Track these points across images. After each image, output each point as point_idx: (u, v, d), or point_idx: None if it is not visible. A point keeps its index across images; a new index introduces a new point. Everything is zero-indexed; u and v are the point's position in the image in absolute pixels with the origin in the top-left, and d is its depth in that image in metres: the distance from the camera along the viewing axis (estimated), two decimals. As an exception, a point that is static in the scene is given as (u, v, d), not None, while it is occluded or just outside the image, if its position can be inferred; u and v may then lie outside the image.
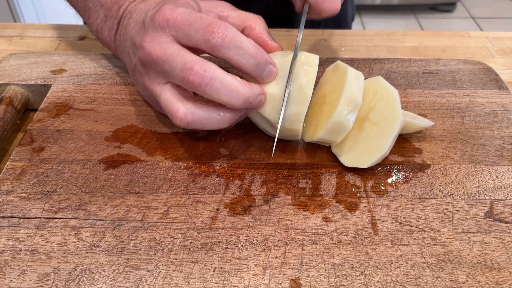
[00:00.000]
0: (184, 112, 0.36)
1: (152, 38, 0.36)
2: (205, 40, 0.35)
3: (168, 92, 0.37)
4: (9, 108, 0.44)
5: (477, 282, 0.31)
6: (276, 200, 0.36)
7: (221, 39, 0.34)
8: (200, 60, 0.35)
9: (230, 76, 0.35)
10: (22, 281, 0.30)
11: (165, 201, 0.36)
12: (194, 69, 0.34)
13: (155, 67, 0.37)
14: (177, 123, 0.36)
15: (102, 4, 0.46)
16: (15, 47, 0.58)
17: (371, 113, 0.38)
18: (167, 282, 0.31)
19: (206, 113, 0.36)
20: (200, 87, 0.34)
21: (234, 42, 0.35)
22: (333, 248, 0.33)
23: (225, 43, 0.34)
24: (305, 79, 0.37)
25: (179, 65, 0.35)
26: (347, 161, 0.38)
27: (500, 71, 0.52)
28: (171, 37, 0.36)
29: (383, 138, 0.37)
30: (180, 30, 0.36)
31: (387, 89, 0.39)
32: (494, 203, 0.36)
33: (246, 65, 0.36)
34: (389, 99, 0.38)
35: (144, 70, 0.38)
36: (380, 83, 0.39)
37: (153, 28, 0.36)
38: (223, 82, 0.34)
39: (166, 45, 0.36)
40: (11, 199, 0.36)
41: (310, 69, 0.38)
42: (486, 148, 0.41)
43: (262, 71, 0.36)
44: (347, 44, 0.60)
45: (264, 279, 0.31)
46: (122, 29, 0.43)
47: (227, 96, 0.35)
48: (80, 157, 0.39)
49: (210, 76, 0.34)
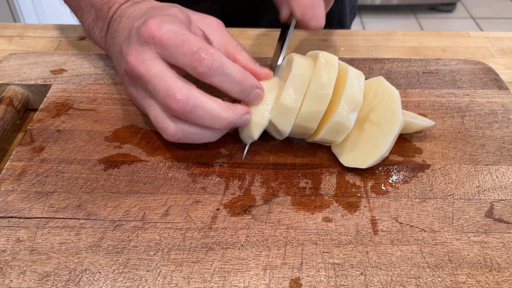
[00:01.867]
0: (175, 130, 0.36)
1: (137, 53, 0.36)
2: (192, 66, 0.34)
3: (157, 108, 0.37)
4: (9, 108, 0.44)
5: (477, 282, 0.31)
6: (276, 200, 0.36)
7: (207, 67, 0.34)
8: (183, 86, 0.34)
9: (213, 101, 0.35)
10: (22, 281, 0.30)
11: (165, 201, 0.36)
12: (176, 97, 0.34)
13: (141, 83, 0.37)
14: (168, 139, 0.37)
15: (93, 4, 0.46)
16: (15, 47, 0.58)
17: (372, 113, 0.38)
18: (167, 282, 0.31)
19: (197, 130, 0.37)
20: (183, 114, 0.35)
21: (220, 70, 0.35)
22: (333, 248, 0.33)
23: (211, 71, 0.34)
24: (326, 78, 0.37)
25: (162, 90, 0.34)
26: (346, 161, 0.38)
27: (500, 71, 0.52)
28: (156, 54, 0.36)
29: (382, 139, 0.37)
30: (166, 50, 0.35)
31: (388, 90, 0.38)
32: (494, 203, 0.36)
33: (232, 91, 0.36)
34: (390, 100, 0.38)
35: (130, 81, 0.38)
36: (381, 84, 0.39)
37: (138, 42, 0.36)
38: (206, 109, 0.35)
39: (151, 62, 0.35)
40: (11, 199, 0.36)
41: (331, 69, 0.37)
42: (486, 148, 0.41)
43: (248, 95, 0.37)
44: (347, 44, 0.60)
45: (264, 279, 0.31)
46: (112, 32, 0.43)
47: (211, 122, 0.35)
48: (80, 157, 0.39)
49: (193, 103, 0.34)
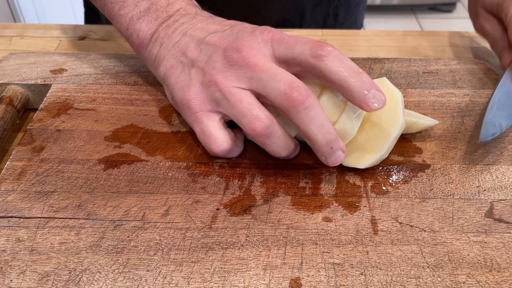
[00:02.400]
0: (270, 121, 0.36)
1: (251, 45, 0.37)
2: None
3: (249, 95, 0.37)
4: (9, 107, 0.44)
5: (477, 282, 0.31)
6: (276, 200, 0.36)
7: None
8: (304, 85, 0.35)
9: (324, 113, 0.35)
10: (22, 281, 0.30)
11: (165, 201, 0.36)
12: (300, 90, 0.34)
13: (243, 70, 0.36)
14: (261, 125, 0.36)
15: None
16: (15, 47, 0.58)
17: (373, 114, 0.38)
18: (167, 282, 0.31)
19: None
20: (297, 108, 0.34)
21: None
22: (333, 248, 0.33)
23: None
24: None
25: (285, 81, 0.35)
26: (345, 161, 0.38)
27: (500, 71, 0.52)
28: (272, 52, 0.37)
29: (382, 140, 0.37)
30: (281, 45, 0.37)
31: (390, 91, 0.39)
32: (494, 203, 0.36)
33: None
34: (392, 101, 0.38)
35: (224, 68, 0.37)
36: (384, 85, 0.39)
37: (254, 38, 0.37)
38: (319, 112, 0.35)
39: (267, 59, 0.37)
40: (11, 199, 0.36)
41: None
42: (486, 148, 0.41)
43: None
44: (347, 44, 0.60)
45: (264, 279, 0.31)
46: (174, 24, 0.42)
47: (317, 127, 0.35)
48: (80, 156, 0.39)
49: (310, 103, 0.34)
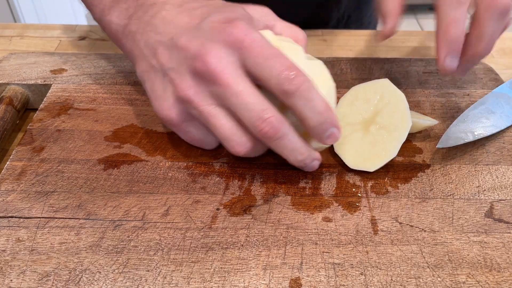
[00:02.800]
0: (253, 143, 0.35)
1: (220, 55, 0.33)
2: (278, 82, 0.32)
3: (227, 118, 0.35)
4: (9, 107, 0.44)
5: (477, 282, 0.31)
6: (276, 200, 0.36)
7: (295, 87, 0.32)
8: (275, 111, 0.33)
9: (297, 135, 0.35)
10: (22, 281, 0.30)
11: (165, 201, 0.36)
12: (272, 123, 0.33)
13: (213, 87, 0.34)
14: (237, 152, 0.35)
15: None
16: (15, 47, 0.58)
17: (378, 116, 0.39)
18: (167, 282, 0.31)
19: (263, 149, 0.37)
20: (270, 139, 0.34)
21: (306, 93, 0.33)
22: (333, 248, 0.33)
23: (298, 91, 0.32)
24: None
25: (256, 109, 0.33)
26: (352, 163, 0.38)
27: (500, 71, 0.52)
28: (240, 61, 0.33)
29: (392, 143, 0.37)
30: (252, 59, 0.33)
31: (394, 93, 0.39)
32: (494, 203, 0.36)
33: (311, 120, 0.33)
34: (398, 104, 0.38)
35: (193, 82, 0.34)
36: (387, 87, 0.39)
37: (222, 42, 0.33)
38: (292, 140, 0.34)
39: (235, 72, 0.33)
40: (11, 199, 0.36)
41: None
42: (486, 148, 0.41)
43: (325, 130, 0.34)
44: (347, 44, 0.60)
45: (264, 279, 0.31)
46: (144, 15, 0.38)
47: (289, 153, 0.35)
48: (80, 157, 0.39)
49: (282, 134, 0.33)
